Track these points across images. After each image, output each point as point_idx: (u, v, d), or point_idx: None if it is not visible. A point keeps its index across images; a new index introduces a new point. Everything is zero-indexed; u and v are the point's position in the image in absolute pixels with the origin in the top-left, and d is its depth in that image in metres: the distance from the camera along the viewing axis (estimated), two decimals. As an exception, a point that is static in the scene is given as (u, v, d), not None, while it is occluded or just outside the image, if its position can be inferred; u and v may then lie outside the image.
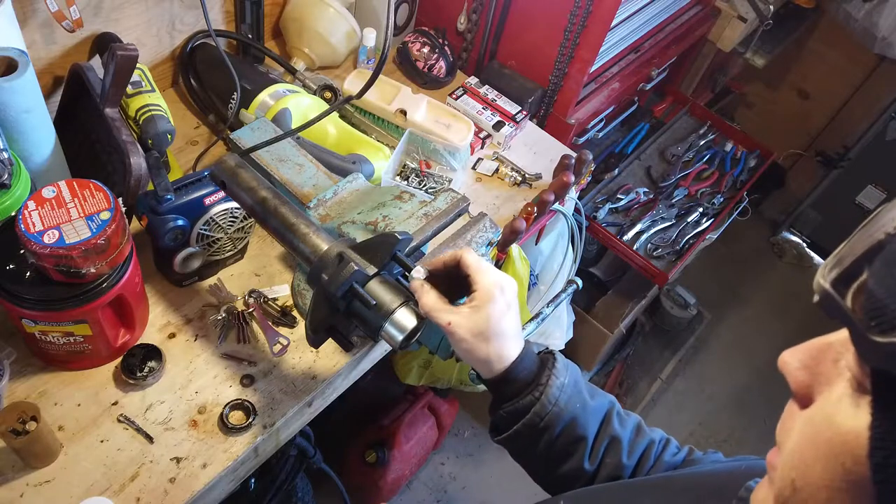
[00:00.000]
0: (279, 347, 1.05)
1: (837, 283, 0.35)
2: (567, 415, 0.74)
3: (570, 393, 0.75)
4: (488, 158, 1.46)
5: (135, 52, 0.96)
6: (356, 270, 0.76)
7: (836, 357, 0.39)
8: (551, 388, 0.74)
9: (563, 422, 0.74)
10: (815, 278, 0.36)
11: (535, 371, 0.76)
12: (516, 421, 0.75)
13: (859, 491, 0.34)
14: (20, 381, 0.95)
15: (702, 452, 0.78)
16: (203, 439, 0.95)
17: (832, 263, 0.36)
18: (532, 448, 0.76)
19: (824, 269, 0.36)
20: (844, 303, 0.34)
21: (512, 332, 0.75)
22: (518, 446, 0.78)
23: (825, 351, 0.40)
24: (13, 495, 0.86)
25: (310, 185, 1.03)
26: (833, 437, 0.35)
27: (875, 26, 2.29)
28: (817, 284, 0.36)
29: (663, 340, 2.60)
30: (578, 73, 1.51)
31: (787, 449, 0.39)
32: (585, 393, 0.77)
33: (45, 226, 0.81)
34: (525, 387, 0.75)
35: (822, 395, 0.38)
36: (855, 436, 0.34)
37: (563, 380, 0.75)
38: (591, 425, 0.76)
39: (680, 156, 2.00)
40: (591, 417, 0.76)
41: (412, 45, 1.55)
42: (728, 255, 2.88)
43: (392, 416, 1.91)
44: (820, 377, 0.39)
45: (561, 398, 0.74)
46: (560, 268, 1.63)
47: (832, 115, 2.79)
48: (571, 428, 0.74)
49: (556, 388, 0.74)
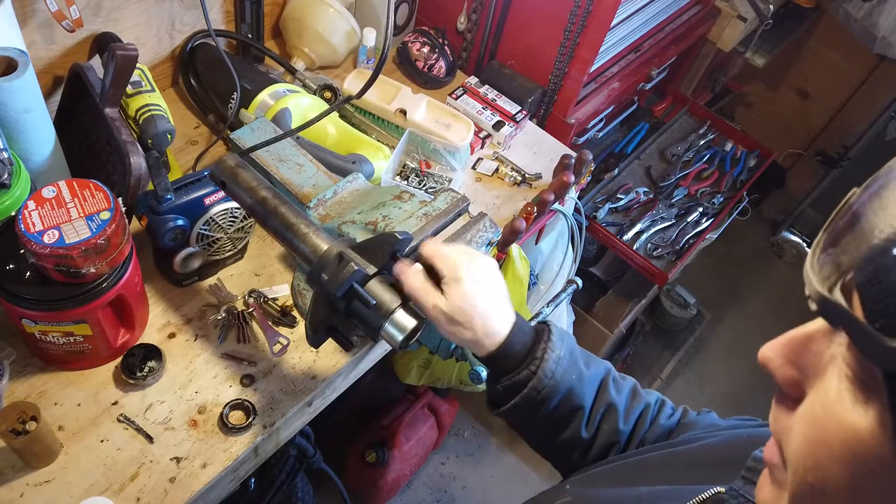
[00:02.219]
0: (279, 347, 1.05)
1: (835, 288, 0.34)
2: (563, 386, 0.74)
3: (566, 365, 0.75)
4: (488, 158, 1.46)
5: (135, 52, 0.96)
6: (356, 270, 0.76)
7: (818, 349, 0.38)
8: (547, 361, 0.74)
9: (559, 394, 0.74)
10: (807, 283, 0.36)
11: (530, 344, 0.76)
12: (514, 395, 0.75)
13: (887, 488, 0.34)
14: (20, 381, 0.95)
15: (695, 413, 0.79)
16: (203, 439, 0.95)
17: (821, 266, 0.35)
18: (530, 419, 0.77)
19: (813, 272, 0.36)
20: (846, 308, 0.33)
21: (494, 307, 0.75)
22: (516, 418, 0.78)
23: (807, 343, 0.39)
24: (13, 495, 0.86)
25: (310, 185, 1.03)
26: (848, 439, 0.35)
27: (875, 26, 2.29)
28: (813, 290, 0.35)
29: (663, 340, 2.60)
30: (578, 73, 1.51)
31: (794, 450, 0.38)
32: (581, 363, 0.77)
33: (44, 226, 0.81)
34: (521, 361, 0.75)
35: (816, 389, 0.38)
36: (873, 437, 0.34)
37: (558, 352, 0.75)
38: (588, 394, 0.76)
39: (680, 155, 2.00)
40: (587, 387, 0.76)
41: (412, 44, 1.55)
42: (728, 255, 2.88)
43: (392, 416, 1.91)
44: (807, 370, 0.39)
45: (557, 371, 0.74)
46: (560, 268, 1.63)
47: (832, 115, 2.79)
48: (568, 399, 0.75)
49: (553, 361, 0.74)
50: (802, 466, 0.37)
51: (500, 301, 0.77)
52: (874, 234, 0.33)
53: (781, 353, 0.40)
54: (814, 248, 0.37)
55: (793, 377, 0.39)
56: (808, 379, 0.38)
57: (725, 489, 0.52)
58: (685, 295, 2.56)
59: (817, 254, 0.36)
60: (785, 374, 0.40)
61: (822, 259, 0.36)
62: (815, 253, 0.36)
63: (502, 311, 0.77)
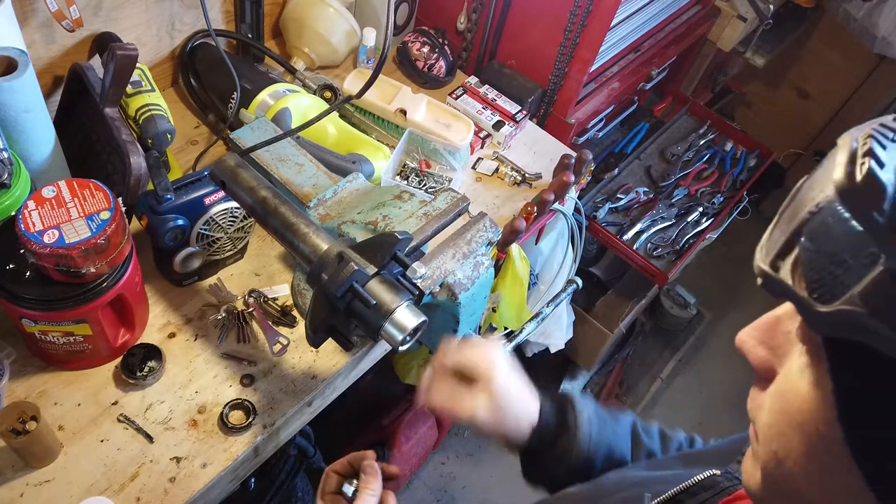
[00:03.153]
0: (279, 347, 1.05)
1: (774, 262, 0.36)
2: (603, 445, 0.75)
3: (598, 424, 0.76)
4: (488, 158, 1.46)
5: (134, 52, 0.96)
6: (356, 270, 0.76)
7: (785, 329, 0.41)
8: (581, 427, 0.74)
9: (601, 453, 0.75)
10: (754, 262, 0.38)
11: (558, 415, 0.76)
12: (558, 468, 0.75)
13: (838, 452, 0.36)
14: (20, 381, 0.95)
15: None
16: (203, 439, 0.95)
17: (766, 245, 0.38)
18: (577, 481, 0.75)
19: (760, 251, 0.38)
20: (784, 280, 0.35)
21: (525, 392, 0.76)
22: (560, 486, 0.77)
23: (776, 325, 0.42)
24: (13, 495, 0.86)
25: (310, 185, 1.03)
26: (802, 405, 0.37)
27: (875, 26, 2.29)
28: (757, 267, 0.37)
29: (663, 340, 2.60)
30: (578, 73, 1.51)
31: (763, 423, 0.41)
32: (609, 418, 0.78)
33: (44, 225, 0.81)
34: (557, 434, 0.75)
35: (784, 367, 0.40)
36: (821, 400, 0.36)
37: (587, 413, 0.76)
38: (625, 447, 0.77)
39: (680, 155, 2.00)
40: (622, 441, 0.77)
41: (412, 44, 1.55)
42: (728, 255, 2.88)
43: (392, 416, 1.91)
44: (777, 350, 0.41)
45: (593, 432, 0.74)
46: (560, 267, 1.63)
47: (832, 115, 2.79)
48: (610, 456, 0.75)
49: (586, 423, 0.75)
50: (769, 438, 0.40)
51: (525, 384, 0.77)
52: (803, 209, 0.35)
53: (753, 335, 0.43)
54: (767, 232, 0.40)
55: (764, 358, 0.42)
56: (779, 359, 0.41)
57: (721, 471, 0.54)
58: (685, 295, 2.56)
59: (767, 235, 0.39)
60: (757, 355, 0.42)
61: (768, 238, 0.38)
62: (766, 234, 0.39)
63: (531, 392, 0.77)
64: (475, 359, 0.75)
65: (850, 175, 0.33)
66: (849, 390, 0.35)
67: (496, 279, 1.38)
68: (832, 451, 0.36)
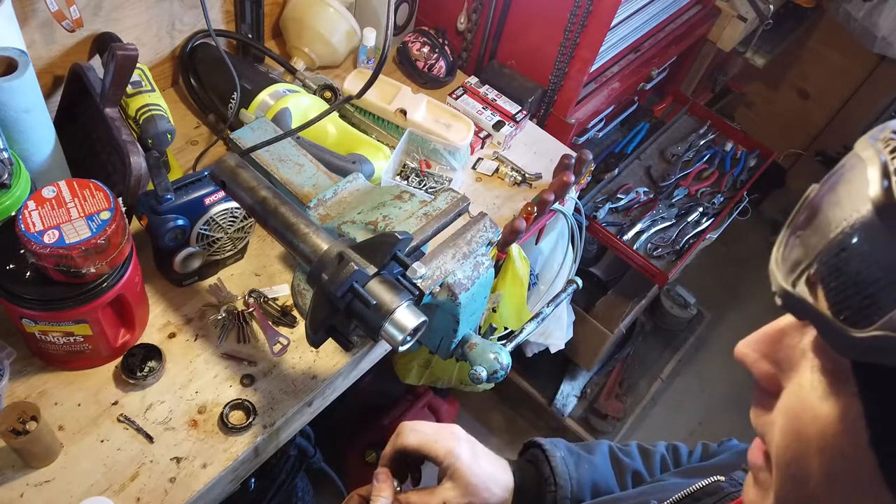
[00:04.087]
0: (279, 347, 1.05)
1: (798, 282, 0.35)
2: (586, 483, 0.74)
3: (573, 462, 0.75)
4: (488, 158, 1.46)
5: (135, 52, 0.96)
6: (356, 270, 0.76)
7: (791, 342, 0.39)
8: (557, 469, 0.73)
9: (587, 490, 0.74)
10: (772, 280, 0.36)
11: (532, 469, 0.75)
12: None
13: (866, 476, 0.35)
14: (20, 381, 0.95)
15: (716, 444, 0.79)
16: (203, 439, 0.95)
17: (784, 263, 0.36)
18: None
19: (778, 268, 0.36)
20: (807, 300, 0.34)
21: (493, 463, 0.74)
22: None
23: (779, 338, 0.40)
24: (13, 495, 0.86)
25: (310, 185, 1.03)
26: (824, 428, 0.35)
27: (875, 26, 2.29)
28: (777, 286, 0.36)
29: (663, 340, 2.60)
30: (578, 73, 1.51)
31: (776, 445, 0.39)
32: (583, 453, 0.77)
33: (45, 226, 0.81)
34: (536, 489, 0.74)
35: (791, 382, 0.39)
36: (846, 423, 0.35)
37: (560, 454, 0.74)
38: (609, 477, 0.76)
39: (680, 155, 2.00)
40: (603, 471, 0.76)
41: (412, 44, 1.55)
42: (728, 255, 2.88)
43: (392, 416, 1.91)
44: (782, 364, 0.39)
45: (570, 471, 0.73)
46: (560, 267, 1.63)
47: (832, 115, 2.79)
48: (597, 491, 0.74)
49: (560, 463, 0.73)
50: (785, 461, 0.38)
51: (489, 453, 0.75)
52: (830, 228, 0.33)
53: (756, 348, 0.41)
54: (777, 244, 0.38)
55: (768, 372, 0.40)
56: (784, 373, 0.39)
57: (725, 478, 0.53)
58: (685, 295, 2.56)
59: (781, 250, 0.37)
60: (761, 370, 0.40)
61: (784, 255, 0.36)
62: (779, 249, 0.37)
63: (497, 459, 0.75)
64: (434, 449, 0.73)
65: (888, 192, 0.31)
66: (884, 415, 0.33)
67: (496, 279, 1.38)
68: (859, 476, 0.35)
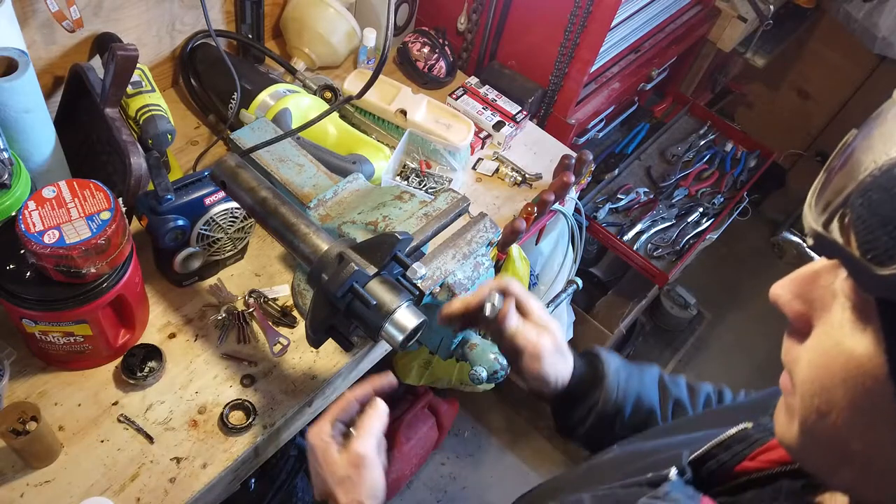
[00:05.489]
0: (279, 347, 1.05)
1: (828, 223, 0.37)
2: (632, 393, 0.79)
3: (625, 374, 0.80)
4: (488, 158, 1.46)
5: (135, 52, 0.96)
6: (356, 270, 0.76)
7: (825, 283, 0.41)
8: (609, 375, 0.79)
9: (630, 401, 0.79)
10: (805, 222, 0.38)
11: (587, 367, 0.81)
12: (589, 415, 0.79)
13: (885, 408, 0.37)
14: (20, 381, 0.95)
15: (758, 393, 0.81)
16: (203, 439, 0.95)
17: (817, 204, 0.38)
18: (609, 434, 0.79)
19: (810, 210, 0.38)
20: (838, 241, 0.36)
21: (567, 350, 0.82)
22: (595, 438, 0.81)
23: (814, 279, 0.42)
24: (13, 495, 0.86)
25: (310, 185, 1.03)
26: (847, 362, 0.38)
27: (875, 26, 2.29)
28: (809, 228, 0.38)
29: (663, 340, 2.60)
30: (578, 73, 1.51)
31: (802, 378, 0.41)
32: (636, 369, 0.82)
33: (45, 226, 0.81)
34: (589, 384, 0.80)
35: (822, 321, 0.40)
36: (869, 359, 0.37)
37: (614, 364, 0.80)
38: (653, 395, 0.81)
39: (680, 156, 2.00)
40: (650, 389, 0.81)
41: (412, 45, 1.55)
42: (728, 255, 2.88)
43: (392, 417, 1.90)
44: (814, 304, 0.41)
45: (621, 380, 0.79)
46: (560, 268, 1.63)
47: (832, 115, 2.78)
48: (639, 404, 0.79)
49: (613, 372, 0.79)
50: (809, 392, 0.40)
51: None
52: (860, 170, 0.35)
53: (790, 289, 0.43)
54: (813, 188, 0.39)
55: (801, 311, 0.42)
56: (816, 312, 0.41)
57: (752, 424, 0.55)
58: (685, 295, 2.56)
59: (815, 193, 0.39)
60: (794, 309, 0.42)
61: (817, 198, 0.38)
62: (814, 193, 0.39)
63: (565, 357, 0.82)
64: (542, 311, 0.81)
65: None
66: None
67: (496, 279, 1.37)
68: (879, 407, 0.37)
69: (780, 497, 0.49)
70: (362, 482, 0.71)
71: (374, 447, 0.73)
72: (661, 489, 0.49)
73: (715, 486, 0.54)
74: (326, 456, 0.73)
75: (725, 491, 0.54)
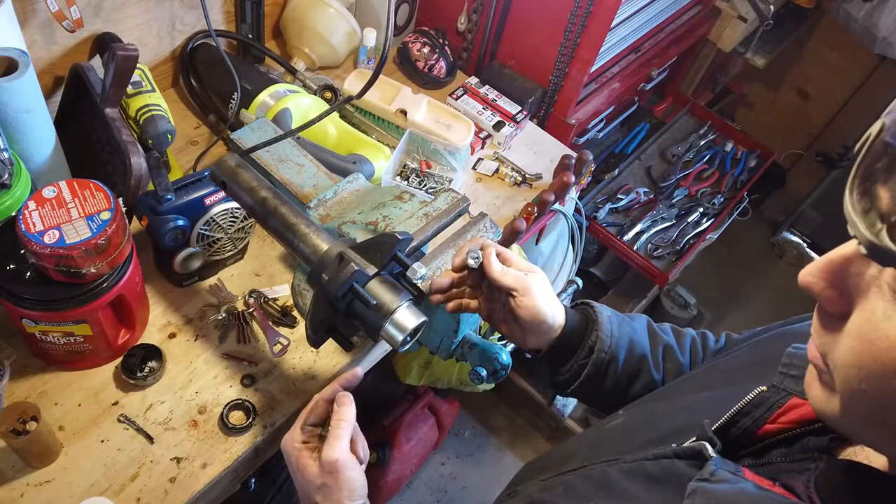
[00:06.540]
0: (279, 347, 1.05)
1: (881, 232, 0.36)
2: (624, 340, 0.81)
3: (617, 321, 0.81)
4: (488, 158, 1.46)
5: (135, 52, 0.96)
6: (356, 270, 0.76)
7: (858, 270, 0.41)
8: (602, 324, 0.80)
9: (623, 348, 0.80)
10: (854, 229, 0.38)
11: (580, 318, 0.83)
12: (584, 366, 0.80)
13: None
14: (20, 381, 0.95)
15: (738, 335, 0.83)
16: (203, 439, 0.95)
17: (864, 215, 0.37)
18: (602, 384, 0.81)
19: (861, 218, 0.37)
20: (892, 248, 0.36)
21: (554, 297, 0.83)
22: (590, 389, 0.82)
23: (846, 266, 0.42)
24: (13, 495, 0.86)
25: (310, 185, 1.03)
26: None
27: (875, 26, 2.29)
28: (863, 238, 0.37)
29: (663, 340, 2.60)
30: (578, 73, 1.51)
31: (842, 362, 0.41)
32: (626, 318, 0.84)
33: (45, 226, 0.81)
34: (581, 334, 0.81)
35: (861, 308, 0.41)
36: None
37: (607, 313, 0.82)
38: (644, 341, 0.83)
39: (680, 156, 2.00)
40: (641, 335, 0.83)
41: (412, 45, 1.55)
42: (728, 255, 2.88)
43: (392, 416, 1.91)
44: (849, 290, 0.41)
45: (614, 328, 0.80)
46: (560, 268, 1.63)
47: (832, 115, 2.78)
48: (631, 350, 0.81)
49: (606, 321, 0.81)
50: (855, 377, 0.41)
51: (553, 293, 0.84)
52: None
53: (822, 276, 0.43)
54: (849, 188, 0.39)
55: (836, 298, 0.42)
56: (852, 298, 0.41)
57: (768, 387, 0.55)
58: (685, 295, 2.56)
59: (854, 195, 0.38)
60: (828, 296, 0.42)
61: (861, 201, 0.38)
62: (852, 194, 0.38)
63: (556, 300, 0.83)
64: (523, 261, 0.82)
65: None
66: None
67: (496, 279, 1.37)
68: None
69: (811, 453, 0.50)
70: (339, 486, 0.74)
71: (344, 449, 0.75)
72: (705, 469, 0.50)
73: (740, 451, 0.55)
74: (300, 463, 0.76)
75: (751, 454, 0.55)
